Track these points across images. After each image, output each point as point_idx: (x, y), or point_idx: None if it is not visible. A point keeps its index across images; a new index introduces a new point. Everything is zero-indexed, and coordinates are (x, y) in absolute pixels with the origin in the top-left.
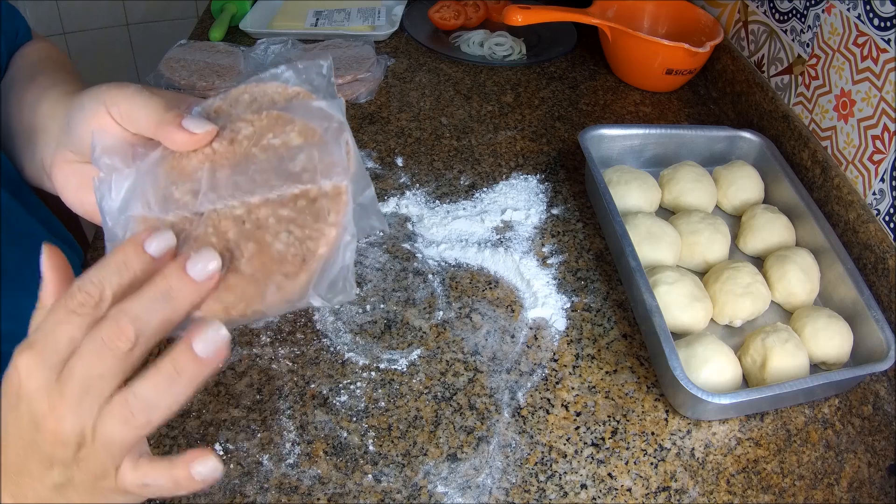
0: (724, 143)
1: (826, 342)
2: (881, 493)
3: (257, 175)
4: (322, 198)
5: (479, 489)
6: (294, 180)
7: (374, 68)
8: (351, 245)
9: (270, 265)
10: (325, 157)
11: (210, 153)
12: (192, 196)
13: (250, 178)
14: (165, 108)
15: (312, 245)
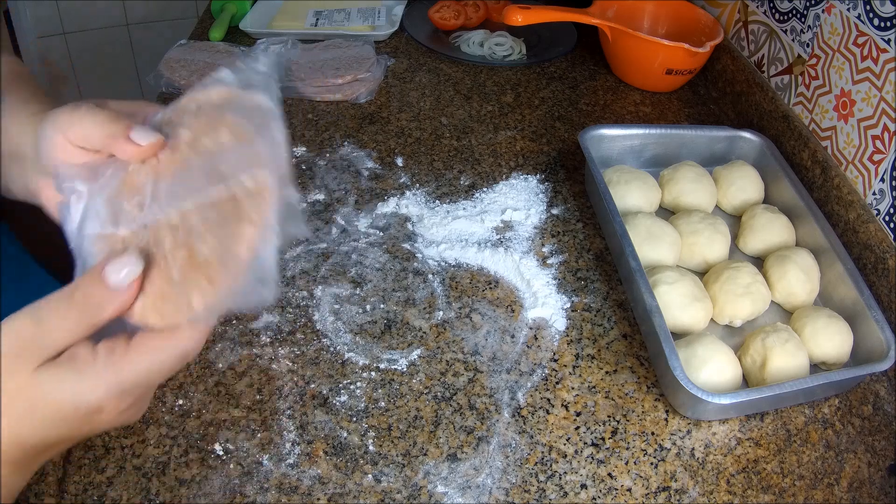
0: (724, 143)
1: (826, 342)
2: (881, 493)
3: (191, 180)
4: (246, 197)
5: (479, 489)
6: (220, 180)
7: (374, 68)
8: (272, 242)
9: (196, 271)
10: (249, 152)
11: (155, 164)
12: (138, 208)
13: (186, 184)
14: (113, 121)
15: (234, 247)
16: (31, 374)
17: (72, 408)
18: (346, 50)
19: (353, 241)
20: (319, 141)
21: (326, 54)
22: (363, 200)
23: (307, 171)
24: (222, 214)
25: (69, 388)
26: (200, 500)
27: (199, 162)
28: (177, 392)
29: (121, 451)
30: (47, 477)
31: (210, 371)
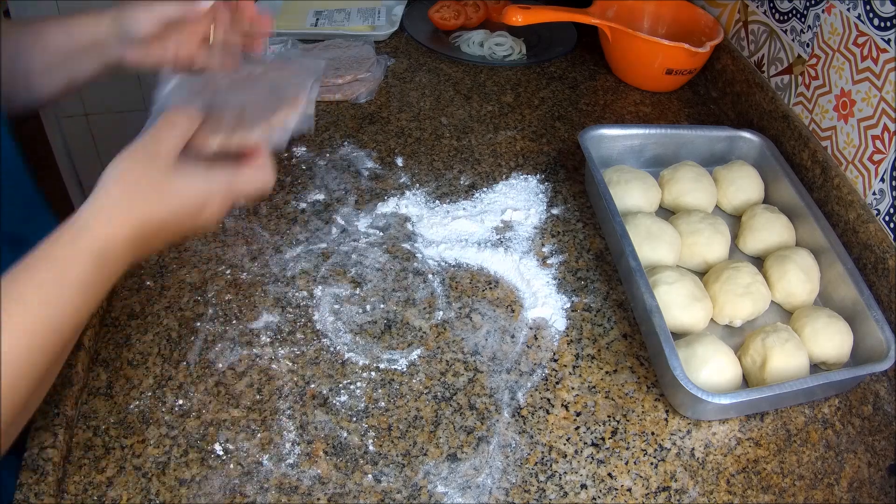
0: (724, 143)
1: (826, 342)
2: (881, 493)
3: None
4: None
5: (479, 489)
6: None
7: (374, 68)
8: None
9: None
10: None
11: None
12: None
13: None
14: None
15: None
16: (165, 173)
17: (193, 198)
18: (346, 50)
19: (353, 241)
20: (319, 141)
21: (326, 54)
22: (363, 200)
23: (307, 171)
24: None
25: (195, 183)
26: (200, 500)
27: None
28: (177, 392)
29: (121, 451)
30: (47, 477)
31: (210, 371)
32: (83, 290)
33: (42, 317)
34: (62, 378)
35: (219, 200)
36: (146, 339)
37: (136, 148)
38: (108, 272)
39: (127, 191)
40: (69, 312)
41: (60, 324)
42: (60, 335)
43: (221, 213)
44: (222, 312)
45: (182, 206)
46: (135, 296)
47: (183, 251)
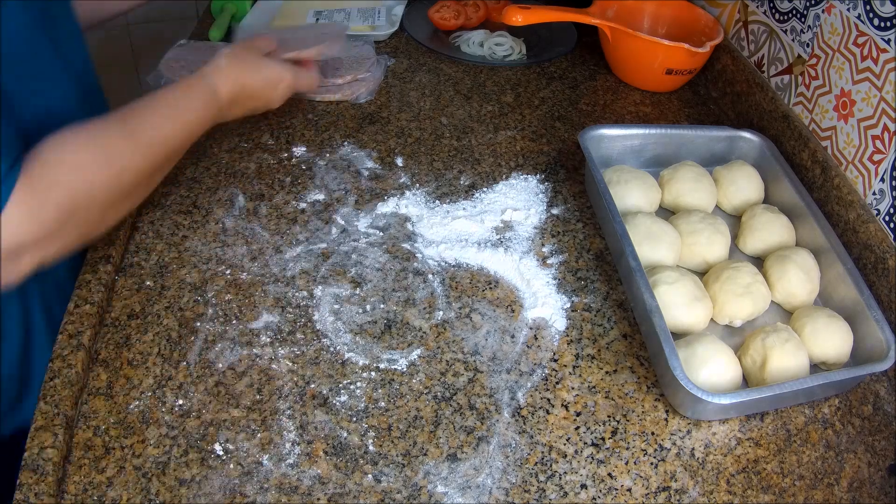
0: (724, 143)
1: (826, 342)
2: (881, 493)
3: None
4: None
5: (479, 489)
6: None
7: (374, 68)
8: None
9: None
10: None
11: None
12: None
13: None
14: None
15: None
16: (258, 56)
17: (274, 74)
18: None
19: (353, 241)
20: (319, 141)
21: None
22: (363, 200)
23: (307, 171)
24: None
25: (276, 66)
26: (200, 500)
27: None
28: (177, 392)
29: (121, 451)
30: (47, 477)
31: (210, 371)
32: (198, 117)
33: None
34: (62, 378)
35: (288, 81)
36: (146, 339)
37: (239, 44)
38: (211, 113)
39: (234, 62)
40: (179, 128)
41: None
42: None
43: (286, 94)
44: (222, 312)
45: (266, 78)
46: (135, 296)
47: (183, 251)
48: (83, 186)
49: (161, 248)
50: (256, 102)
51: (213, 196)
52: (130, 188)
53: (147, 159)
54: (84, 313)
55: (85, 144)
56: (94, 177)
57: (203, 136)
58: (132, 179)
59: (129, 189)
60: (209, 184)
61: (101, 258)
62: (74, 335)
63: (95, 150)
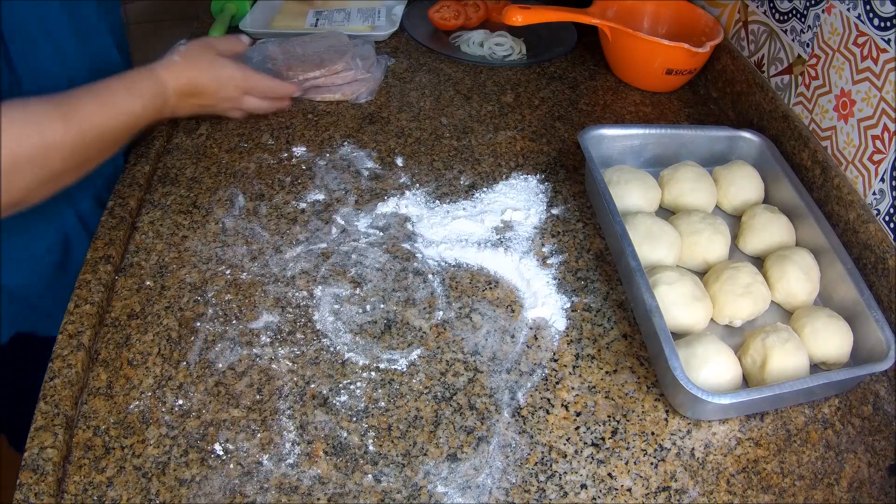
0: (724, 143)
1: (826, 342)
2: (881, 493)
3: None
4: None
5: (479, 489)
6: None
7: (374, 68)
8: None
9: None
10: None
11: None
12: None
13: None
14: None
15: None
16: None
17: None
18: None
19: (353, 241)
20: (319, 141)
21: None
22: (363, 200)
23: (307, 171)
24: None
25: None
26: (200, 500)
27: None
28: (177, 392)
29: (121, 451)
30: (47, 477)
31: (210, 371)
32: (142, 105)
33: (107, 114)
34: (62, 378)
35: (237, 82)
36: (146, 339)
37: (197, 41)
38: (155, 105)
39: (187, 59)
40: (116, 117)
41: (118, 121)
42: (117, 129)
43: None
44: (222, 312)
45: (216, 77)
46: (135, 296)
47: (183, 251)
48: (7, 156)
49: (161, 248)
50: (205, 100)
51: (213, 196)
52: (58, 168)
53: (78, 143)
54: (84, 313)
55: (18, 118)
56: (20, 149)
57: (203, 136)
58: (61, 162)
59: (57, 169)
60: (209, 184)
61: (101, 258)
62: (74, 335)
63: (26, 125)
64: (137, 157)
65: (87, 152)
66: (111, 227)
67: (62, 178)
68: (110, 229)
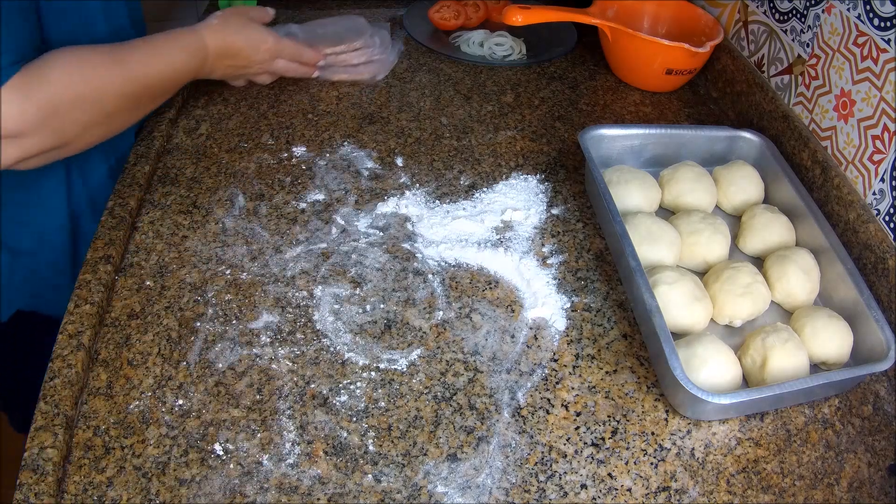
0: (724, 143)
1: (826, 342)
2: (881, 493)
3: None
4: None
5: (479, 489)
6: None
7: (390, 51)
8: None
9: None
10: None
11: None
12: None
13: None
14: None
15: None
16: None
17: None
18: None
19: (353, 241)
20: (319, 141)
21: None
22: (363, 200)
23: (307, 171)
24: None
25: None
26: (200, 500)
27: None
28: (177, 392)
29: (121, 451)
30: (47, 477)
31: (210, 371)
32: (183, 61)
33: (154, 66)
34: (62, 378)
35: (269, 45)
36: (146, 339)
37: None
38: (196, 61)
39: (223, 21)
40: (170, 69)
41: (163, 73)
42: (163, 81)
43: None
44: (222, 312)
45: (249, 38)
46: (135, 296)
47: (183, 251)
48: (65, 94)
49: (161, 248)
50: (239, 61)
51: (213, 196)
52: (110, 110)
53: (128, 87)
54: (84, 313)
55: (75, 60)
56: (77, 88)
57: (203, 136)
58: (112, 103)
59: (109, 111)
60: (209, 184)
61: (101, 258)
62: (74, 335)
63: (82, 65)
64: (137, 157)
65: (137, 98)
66: (111, 227)
67: (114, 119)
68: (110, 229)
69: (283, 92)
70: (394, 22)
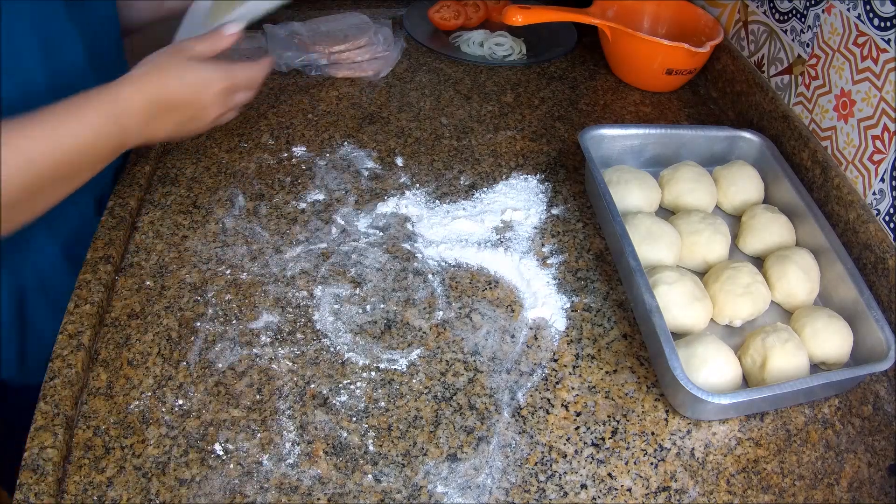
0: (724, 143)
1: (826, 342)
2: (881, 493)
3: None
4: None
5: (479, 489)
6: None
7: (393, 48)
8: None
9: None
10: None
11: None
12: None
13: None
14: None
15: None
16: (184, 62)
17: (201, 77)
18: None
19: (353, 241)
20: (319, 141)
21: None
22: (363, 200)
23: (307, 171)
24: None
25: (201, 69)
26: (200, 500)
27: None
28: (177, 392)
29: (121, 451)
30: (47, 477)
31: (210, 371)
32: (94, 133)
33: (50, 145)
34: (62, 378)
35: (220, 85)
36: (146, 339)
37: (166, 49)
38: (120, 128)
39: (152, 69)
40: (76, 147)
41: (66, 154)
42: (67, 164)
43: (223, 99)
44: (222, 312)
45: (190, 84)
46: (135, 296)
47: (183, 251)
48: None
49: (161, 248)
50: (187, 112)
51: (213, 196)
52: (12, 199)
53: (15, 178)
54: (84, 313)
55: None
56: None
57: (203, 136)
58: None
59: (11, 199)
60: (209, 184)
61: (101, 258)
62: (74, 335)
63: None
64: (137, 157)
65: (26, 187)
66: (111, 227)
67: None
68: (110, 229)
69: (283, 92)
70: (394, 22)
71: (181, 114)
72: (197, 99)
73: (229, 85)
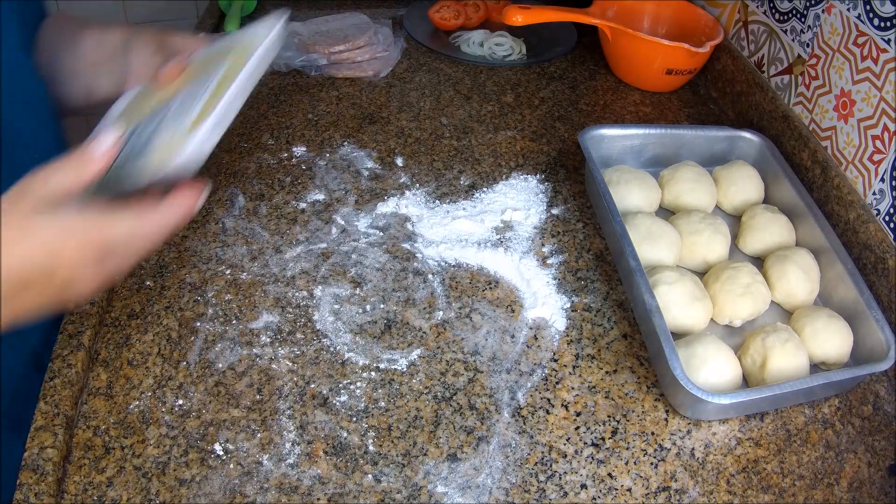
0: (724, 143)
1: (826, 342)
2: (881, 493)
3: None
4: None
5: (479, 489)
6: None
7: (392, 47)
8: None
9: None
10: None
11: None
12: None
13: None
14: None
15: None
16: (28, 213)
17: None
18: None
19: (353, 241)
20: (319, 141)
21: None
22: (363, 200)
23: (307, 171)
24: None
25: (64, 213)
26: (200, 500)
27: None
28: (177, 392)
29: (121, 451)
30: (47, 477)
31: (210, 371)
32: None
33: None
34: (62, 378)
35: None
36: (146, 339)
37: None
38: None
39: None
40: None
41: None
42: None
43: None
44: (222, 312)
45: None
46: (135, 296)
47: (183, 251)
48: None
49: (161, 248)
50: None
51: (213, 196)
52: None
53: None
54: (84, 313)
55: None
56: None
57: None
58: None
59: None
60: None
61: None
62: (74, 335)
63: None
64: None
65: None
66: None
67: None
68: None
69: (283, 92)
70: (394, 22)
71: (41, 288)
72: (57, 263)
73: (99, 240)
